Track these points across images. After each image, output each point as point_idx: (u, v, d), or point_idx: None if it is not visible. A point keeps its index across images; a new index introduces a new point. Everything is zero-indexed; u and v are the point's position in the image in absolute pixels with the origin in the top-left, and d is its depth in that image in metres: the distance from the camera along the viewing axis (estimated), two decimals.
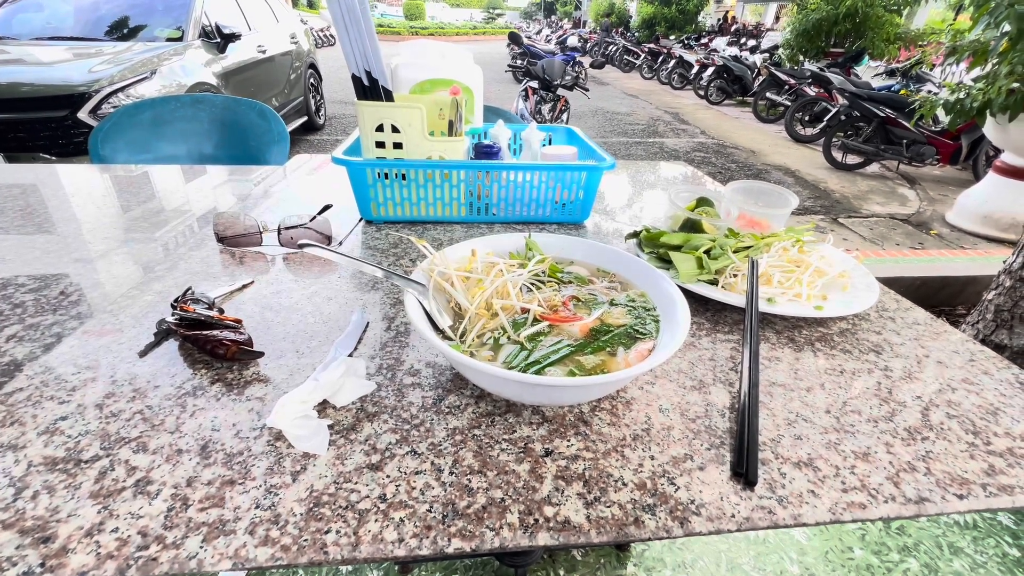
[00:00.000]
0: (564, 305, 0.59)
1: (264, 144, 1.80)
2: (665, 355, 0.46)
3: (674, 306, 0.55)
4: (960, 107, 4.08)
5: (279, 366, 0.59)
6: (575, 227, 1.03)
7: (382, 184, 0.93)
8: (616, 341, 0.53)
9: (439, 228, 0.99)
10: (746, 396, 0.54)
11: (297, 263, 0.84)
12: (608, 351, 0.52)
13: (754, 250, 0.85)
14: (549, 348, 0.52)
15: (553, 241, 0.71)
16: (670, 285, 0.58)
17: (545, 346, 0.52)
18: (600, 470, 0.47)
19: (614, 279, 0.66)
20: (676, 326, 0.52)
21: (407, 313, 0.50)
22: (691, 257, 0.79)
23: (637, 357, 0.50)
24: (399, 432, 0.50)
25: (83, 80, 2.99)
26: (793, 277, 0.78)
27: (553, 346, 0.52)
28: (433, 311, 0.54)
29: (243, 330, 0.61)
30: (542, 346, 0.52)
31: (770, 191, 0.98)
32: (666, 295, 0.58)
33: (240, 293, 0.74)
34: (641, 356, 0.51)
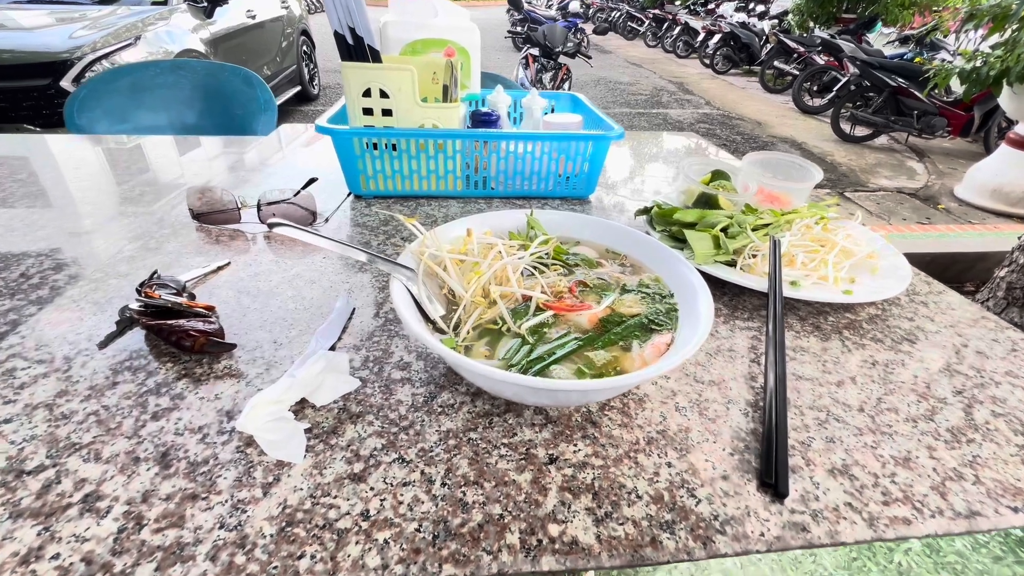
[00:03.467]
0: (570, 292, 0.52)
1: (250, 113, 1.70)
2: (687, 352, 0.40)
3: (694, 294, 0.49)
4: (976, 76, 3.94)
5: (254, 359, 0.53)
6: (579, 202, 0.96)
7: (371, 155, 0.86)
8: (630, 333, 0.47)
9: (433, 203, 0.92)
10: (772, 394, 0.49)
11: (278, 242, 0.77)
12: (621, 345, 0.46)
13: (774, 228, 0.78)
14: (554, 342, 0.46)
15: (557, 219, 0.64)
16: (689, 270, 0.52)
17: (549, 340, 0.46)
18: (611, 480, 0.42)
19: (625, 261, 0.59)
20: (697, 318, 0.46)
21: (393, 302, 0.44)
22: (707, 236, 0.73)
23: (654, 352, 0.45)
24: (386, 436, 0.45)
25: (64, 47, 2.84)
26: (817, 258, 0.72)
27: (559, 340, 0.46)
28: (423, 299, 0.48)
29: (214, 318, 0.55)
30: (546, 340, 0.47)
31: (791, 163, 0.91)
32: (684, 281, 0.52)
33: (215, 276, 0.67)
34: (658, 351, 0.45)
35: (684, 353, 0.40)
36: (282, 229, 0.46)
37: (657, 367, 0.39)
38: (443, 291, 0.51)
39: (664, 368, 0.38)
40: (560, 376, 0.42)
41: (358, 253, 0.48)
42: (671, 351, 0.44)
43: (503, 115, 1.03)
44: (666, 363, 0.40)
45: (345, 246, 0.47)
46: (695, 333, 0.43)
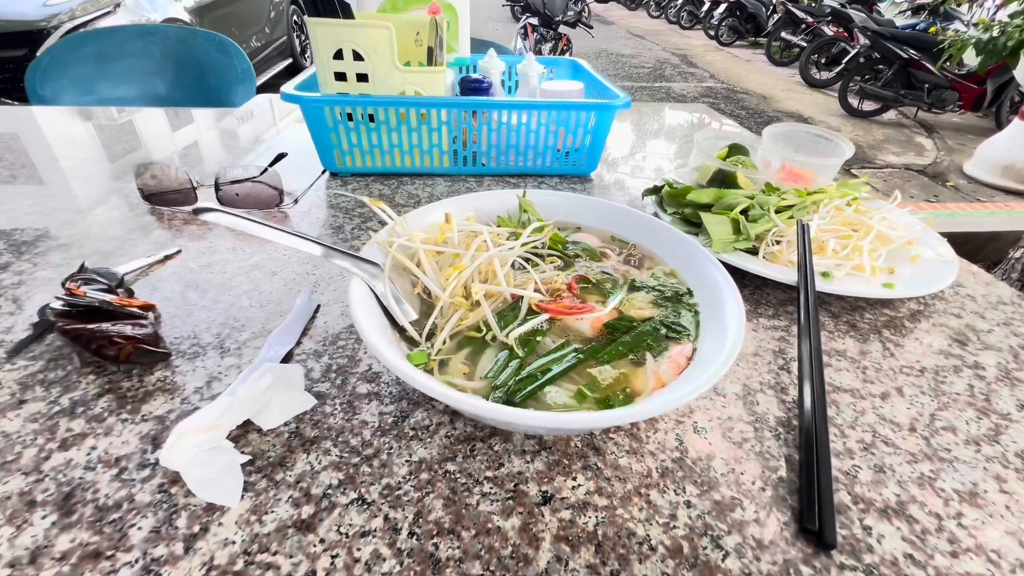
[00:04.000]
0: (569, 290, 0.44)
1: (226, 83, 1.59)
2: (714, 374, 0.32)
3: (718, 294, 0.41)
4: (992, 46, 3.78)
5: (195, 369, 0.45)
6: (580, 181, 0.87)
7: (345, 127, 0.76)
8: (641, 343, 0.39)
9: (417, 182, 0.83)
10: (810, 413, 0.41)
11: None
12: (631, 359, 0.38)
13: (799, 210, 0.69)
14: (549, 356, 0.38)
15: (554, 200, 0.55)
16: (712, 264, 0.43)
17: (544, 351, 0.38)
18: (618, 526, 0.34)
19: (634, 251, 0.51)
20: (723, 326, 0.37)
21: (350, 307, 0.36)
22: (725, 219, 0.64)
23: (671, 368, 0.36)
24: (344, 469, 0.37)
25: (39, 14, 2.68)
26: (850, 244, 0.63)
27: (555, 352, 0.38)
28: (390, 302, 0.39)
29: (147, 321, 0.46)
30: (540, 351, 0.38)
31: (816, 137, 0.81)
32: (706, 276, 0.43)
33: (160, 267, 0.59)
34: (676, 366, 0.37)
35: (711, 375, 0.31)
36: (211, 215, 0.37)
37: (678, 394, 0.30)
38: (416, 290, 0.43)
39: (687, 396, 0.30)
40: (556, 401, 0.34)
41: (309, 245, 0.39)
42: (693, 368, 0.36)
43: (496, 83, 0.92)
44: (688, 386, 0.31)
45: (291, 236, 0.38)
46: (721, 347, 0.35)
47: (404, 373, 0.30)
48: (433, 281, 0.42)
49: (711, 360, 0.34)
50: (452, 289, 0.40)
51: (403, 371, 0.30)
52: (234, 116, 1.14)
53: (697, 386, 0.31)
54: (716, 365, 0.32)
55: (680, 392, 0.31)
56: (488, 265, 0.43)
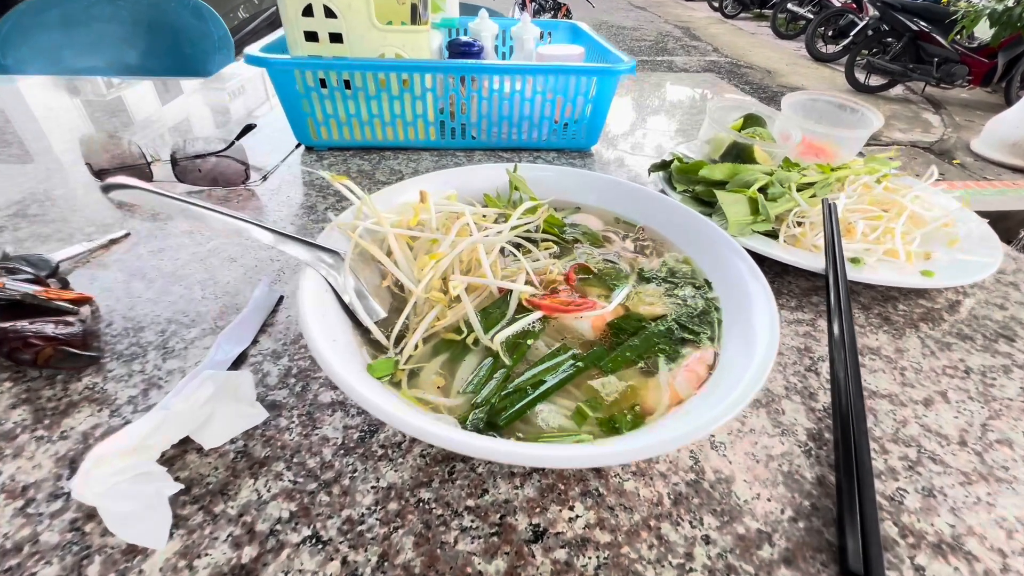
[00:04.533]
0: (567, 281, 0.37)
1: (202, 52, 1.49)
2: (745, 392, 0.26)
3: (741, 286, 0.34)
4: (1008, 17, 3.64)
5: (131, 375, 0.38)
6: (579, 156, 0.79)
7: (318, 95, 0.68)
8: (652, 347, 0.33)
9: (401, 156, 0.75)
10: (847, 427, 0.35)
11: None
12: (641, 367, 0.32)
13: (822, 187, 0.63)
14: (542, 364, 0.31)
15: (550, 176, 0.48)
16: (737, 254, 0.37)
17: (536, 357, 0.32)
18: (624, 568, 0.28)
19: (642, 236, 0.44)
20: (752, 328, 0.31)
21: (297, 304, 0.29)
22: (741, 198, 0.57)
23: (690, 379, 0.30)
24: (298, 497, 0.31)
25: None
26: (881, 227, 0.56)
27: (549, 359, 0.32)
28: (351, 297, 0.33)
29: (76, 318, 0.40)
30: (531, 357, 0.32)
31: (840, 106, 0.74)
32: (727, 266, 0.37)
33: (105, 252, 0.52)
34: (695, 377, 0.30)
35: (740, 394, 0.25)
36: (125, 194, 0.30)
37: (701, 419, 0.24)
38: (385, 283, 0.36)
39: (713, 422, 0.24)
40: (549, 422, 0.28)
41: (253, 229, 0.32)
42: (716, 380, 0.29)
43: (488, 47, 0.84)
44: (713, 408, 0.25)
45: (230, 218, 0.32)
46: (750, 354, 0.29)
47: (356, 392, 0.24)
48: (405, 272, 0.35)
49: (738, 371, 0.28)
50: (427, 282, 0.34)
51: (355, 389, 0.24)
52: (202, 85, 1.05)
53: (724, 409, 0.25)
54: (746, 380, 0.26)
55: (703, 416, 0.25)
56: (471, 253, 0.36)
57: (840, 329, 0.42)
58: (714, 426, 0.24)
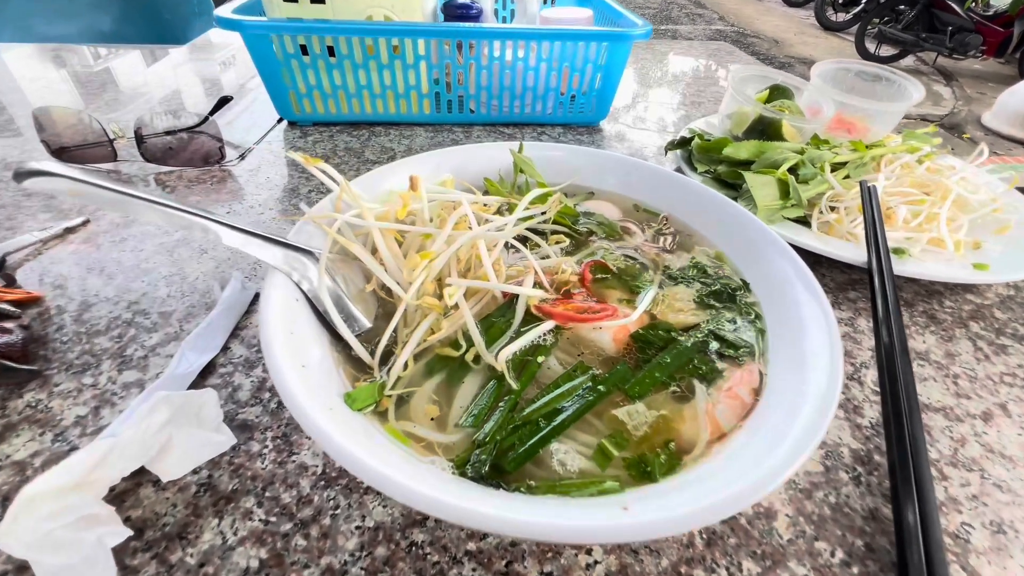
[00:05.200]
0: (582, 283, 0.32)
1: (180, 18, 1.39)
2: (809, 434, 0.21)
3: (787, 291, 0.29)
4: None
5: (81, 390, 0.33)
6: (587, 132, 0.73)
7: (299, 63, 0.62)
8: (684, 365, 0.28)
9: (392, 133, 0.69)
10: (902, 446, 0.30)
11: (170, 189, 0.55)
12: (673, 391, 0.27)
13: (856, 167, 0.57)
14: (555, 389, 0.26)
15: (560, 156, 0.42)
16: (779, 251, 0.32)
17: (548, 379, 0.27)
18: None
19: (665, 227, 0.39)
20: (802, 339, 0.26)
21: (259, 319, 0.24)
22: (770, 179, 0.51)
23: (733, 407, 0.25)
24: (269, 542, 0.26)
25: None
26: (923, 212, 0.51)
27: (564, 381, 0.27)
28: (328, 306, 0.27)
29: (16, 324, 0.35)
30: (542, 378, 0.27)
31: (875, 78, 0.67)
32: (770, 265, 0.32)
33: (61, 243, 0.46)
34: (740, 404, 0.25)
35: (802, 436, 0.20)
36: (43, 182, 0.24)
37: (758, 477, 0.19)
38: (370, 287, 0.30)
39: (773, 479, 0.19)
40: (567, 464, 0.23)
41: (212, 227, 0.27)
42: (765, 410, 0.24)
43: (487, 10, 0.77)
44: (770, 456, 0.20)
45: (174, 210, 0.26)
46: (804, 377, 0.24)
47: (322, 433, 0.19)
48: (393, 274, 0.30)
49: (791, 398, 0.23)
50: (419, 286, 0.28)
51: (321, 430, 0.19)
52: (189, 55, 0.97)
53: (786, 458, 0.20)
54: (804, 417, 0.21)
55: (757, 466, 0.20)
56: (470, 250, 0.31)
57: (890, 334, 0.37)
58: (773, 484, 0.19)
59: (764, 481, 0.19)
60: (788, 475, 0.19)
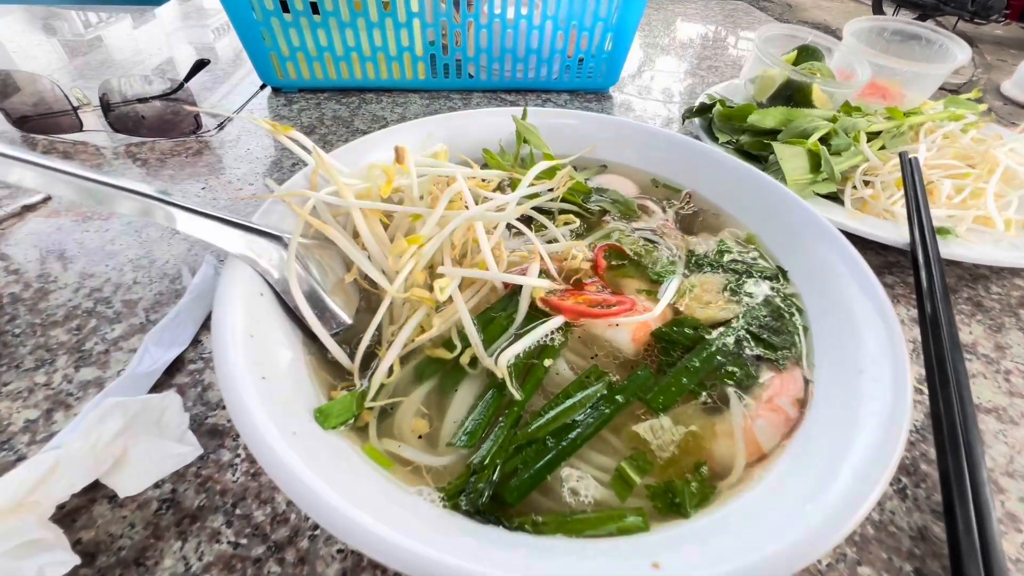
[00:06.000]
0: (595, 271, 0.28)
1: None
2: (879, 465, 0.17)
3: (832, 280, 0.25)
4: None
5: (32, 390, 0.30)
6: (595, 99, 0.67)
7: (280, 21, 0.56)
8: (717, 368, 0.24)
9: (384, 100, 0.64)
10: (961, 456, 0.27)
11: (142, 162, 0.51)
12: (703, 401, 0.23)
13: (892, 138, 0.52)
14: (565, 400, 0.22)
15: (569, 124, 0.38)
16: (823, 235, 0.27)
17: (556, 386, 0.23)
18: None
19: (687, 205, 0.34)
20: (856, 341, 0.22)
21: (213, 319, 0.20)
22: (800, 151, 0.46)
23: (775, 423, 0.22)
24: (239, 568, 0.23)
25: None
26: (968, 187, 0.46)
27: (576, 389, 0.23)
28: (297, 300, 0.23)
29: None
30: (549, 385, 0.23)
31: (913, 37, 0.61)
32: (812, 252, 0.27)
33: (18, 222, 0.42)
34: (784, 420, 0.22)
35: (871, 472, 0.17)
36: None
37: (814, 524, 0.15)
38: (350, 277, 0.26)
39: (839, 528, 0.15)
40: (580, 492, 0.20)
41: (155, 208, 0.22)
42: (813, 427, 0.21)
43: None
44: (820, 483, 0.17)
45: (101, 185, 0.22)
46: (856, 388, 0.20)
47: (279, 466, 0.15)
48: (376, 262, 0.26)
49: (847, 416, 0.19)
50: (407, 276, 0.24)
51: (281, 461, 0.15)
52: (169, 20, 0.91)
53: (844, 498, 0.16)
54: (866, 440, 0.17)
55: (812, 511, 0.16)
56: (466, 233, 0.27)
57: (936, 326, 0.33)
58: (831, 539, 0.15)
59: (820, 533, 0.15)
60: (852, 525, 0.15)
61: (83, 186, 0.22)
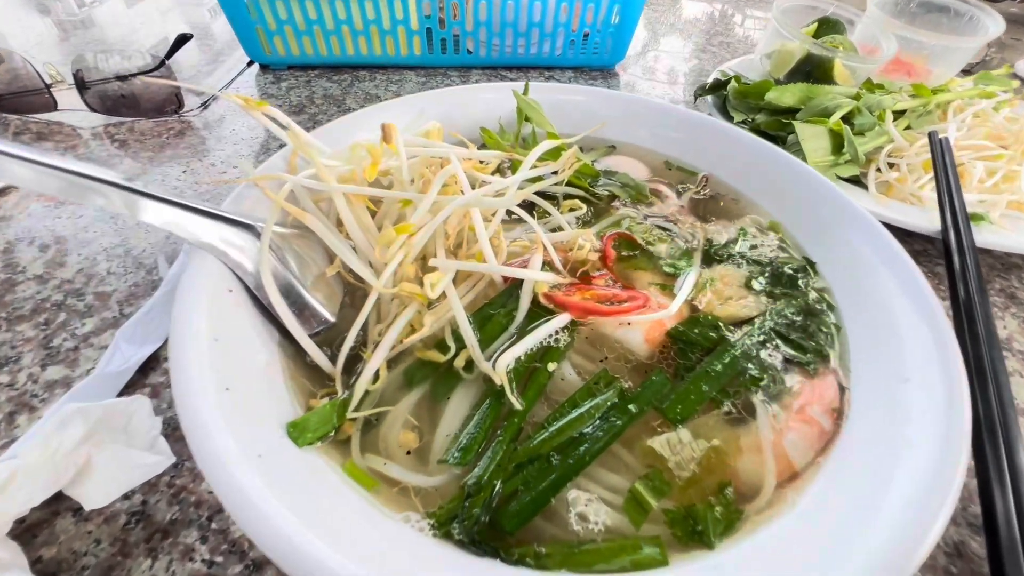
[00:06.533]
0: (604, 262, 0.26)
1: None
2: (938, 495, 0.14)
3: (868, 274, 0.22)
4: None
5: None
6: (601, 76, 0.64)
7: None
8: (741, 374, 0.21)
9: (378, 77, 0.60)
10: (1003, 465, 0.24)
11: (119, 143, 0.48)
12: (725, 411, 0.20)
13: (918, 116, 0.49)
14: (573, 410, 0.20)
15: (575, 102, 0.35)
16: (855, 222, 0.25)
17: (561, 393, 0.21)
18: None
19: (704, 188, 0.31)
20: (897, 342, 0.20)
21: (171, 322, 0.18)
22: (821, 130, 0.43)
23: (807, 436, 0.19)
24: None
25: None
26: (1001, 169, 0.43)
27: (584, 397, 0.20)
28: (272, 298, 0.21)
29: None
30: (553, 392, 0.21)
31: (941, 9, 0.57)
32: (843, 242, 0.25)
33: None
34: (817, 433, 0.19)
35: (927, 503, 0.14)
36: None
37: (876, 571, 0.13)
38: (332, 270, 0.24)
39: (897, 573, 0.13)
40: (589, 517, 0.18)
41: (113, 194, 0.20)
42: (851, 441, 0.18)
43: None
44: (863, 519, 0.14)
45: (56, 170, 0.19)
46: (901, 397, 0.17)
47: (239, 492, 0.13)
48: (362, 253, 0.23)
49: (890, 431, 0.17)
50: (395, 269, 0.22)
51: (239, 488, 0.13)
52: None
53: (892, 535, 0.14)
54: (915, 460, 0.15)
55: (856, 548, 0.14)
56: (462, 221, 0.24)
57: (971, 320, 0.30)
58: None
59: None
60: (910, 570, 0.13)
61: (32, 171, 0.20)
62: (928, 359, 0.19)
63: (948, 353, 0.18)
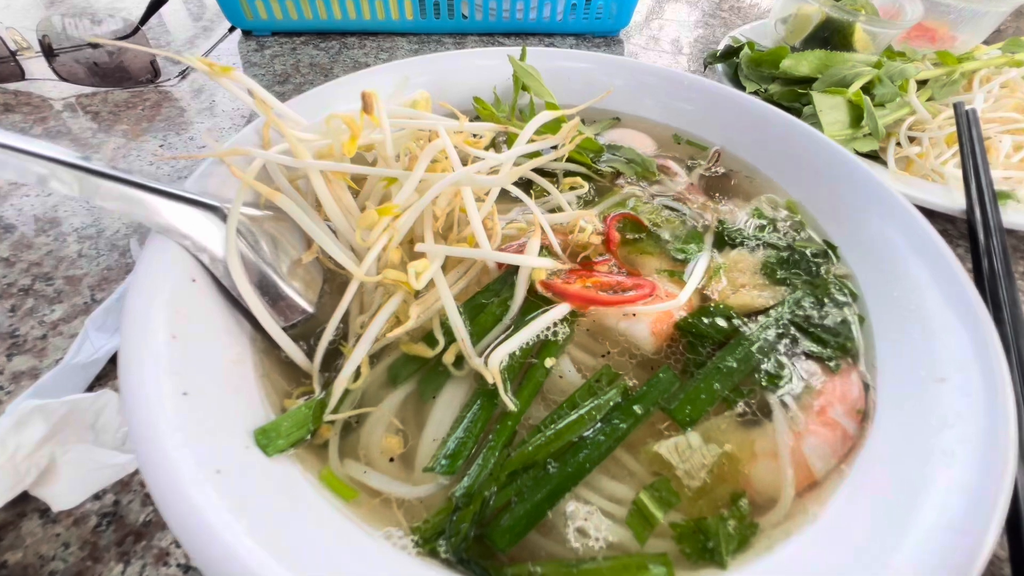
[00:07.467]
0: (607, 246, 0.23)
1: None
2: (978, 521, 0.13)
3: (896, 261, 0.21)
4: None
5: None
6: (604, 43, 0.60)
7: None
8: (753, 370, 0.19)
9: (368, 44, 0.57)
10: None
11: (92, 115, 0.45)
12: (738, 412, 0.19)
13: (941, 86, 0.46)
14: (573, 412, 0.18)
15: (577, 69, 0.32)
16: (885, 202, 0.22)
17: (559, 392, 0.19)
18: None
19: (717, 164, 0.29)
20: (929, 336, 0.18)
21: (122, 316, 0.16)
22: (839, 101, 0.41)
23: (829, 441, 0.18)
24: None
25: None
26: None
27: (583, 397, 0.19)
28: (240, 288, 0.19)
29: None
30: (550, 392, 0.19)
31: None
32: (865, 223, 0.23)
33: None
34: (840, 437, 0.18)
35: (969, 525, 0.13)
36: None
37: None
38: (310, 255, 0.22)
39: None
40: (589, 532, 0.16)
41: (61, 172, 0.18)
42: (878, 447, 0.17)
43: None
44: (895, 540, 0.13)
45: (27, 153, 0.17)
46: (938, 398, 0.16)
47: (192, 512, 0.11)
48: (343, 237, 0.21)
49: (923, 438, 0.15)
50: (377, 254, 0.20)
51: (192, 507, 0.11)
52: None
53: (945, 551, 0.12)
54: (955, 474, 0.13)
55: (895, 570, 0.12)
56: (452, 201, 0.22)
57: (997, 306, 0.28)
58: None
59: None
60: None
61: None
62: (965, 356, 0.17)
63: (989, 351, 0.17)
